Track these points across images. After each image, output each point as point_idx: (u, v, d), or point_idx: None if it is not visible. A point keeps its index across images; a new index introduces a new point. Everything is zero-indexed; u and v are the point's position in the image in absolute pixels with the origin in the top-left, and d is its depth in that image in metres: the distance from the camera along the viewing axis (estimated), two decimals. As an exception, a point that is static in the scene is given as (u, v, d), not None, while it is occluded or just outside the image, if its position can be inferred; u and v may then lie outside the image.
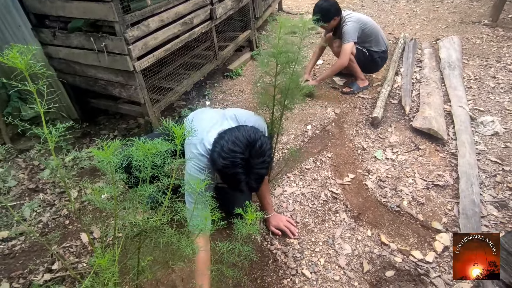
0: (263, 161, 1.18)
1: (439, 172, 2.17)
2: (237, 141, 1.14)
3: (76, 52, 2.35)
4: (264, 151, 1.17)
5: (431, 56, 3.43)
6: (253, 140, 1.15)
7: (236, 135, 1.16)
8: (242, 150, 1.13)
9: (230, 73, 3.57)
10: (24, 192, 2.28)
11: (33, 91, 0.74)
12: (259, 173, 1.18)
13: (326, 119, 2.80)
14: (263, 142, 1.18)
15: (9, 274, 1.70)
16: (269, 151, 1.20)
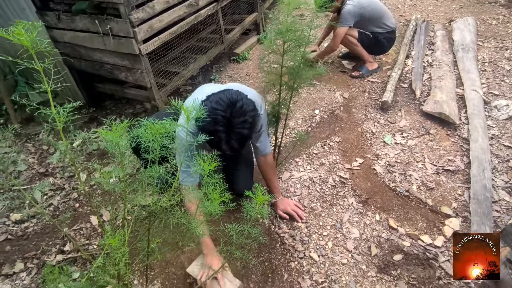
0: (244, 120, 1.22)
1: (450, 157, 2.13)
2: (220, 101, 1.21)
3: (81, 36, 2.32)
4: (245, 111, 1.22)
5: (444, 38, 3.31)
6: (234, 100, 1.21)
7: (220, 96, 1.23)
8: (224, 108, 1.19)
9: (236, 57, 3.52)
10: (34, 176, 2.31)
11: (39, 69, 0.73)
12: (240, 132, 1.22)
13: (335, 104, 2.75)
14: (244, 103, 1.23)
15: (23, 254, 1.75)
16: (250, 112, 1.24)
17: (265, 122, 1.60)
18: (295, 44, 1.52)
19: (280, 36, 1.51)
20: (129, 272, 0.93)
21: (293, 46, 1.55)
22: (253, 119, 1.27)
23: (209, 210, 0.83)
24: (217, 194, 0.83)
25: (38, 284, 1.60)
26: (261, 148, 1.67)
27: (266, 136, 1.66)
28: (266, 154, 1.70)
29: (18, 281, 1.62)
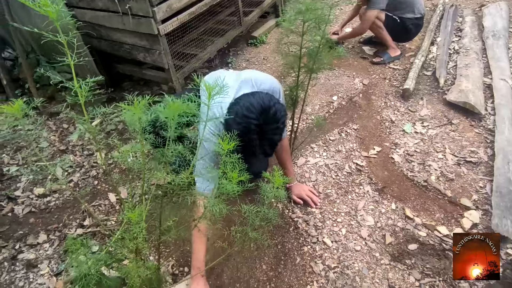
0: (277, 127, 1.20)
1: (473, 148, 2.05)
2: (252, 107, 1.16)
3: (100, 15, 2.33)
4: (277, 118, 1.19)
5: (473, 24, 3.14)
6: (267, 107, 1.17)
7: (251, 101, 1.18)
8: (256, 116, 1.16)
9: (254, 41, 3.46)
10: (55, 153, 2.38)
11: (63, 42, 0.73)
12: (272, 139, 1.21)
13: (353, 90, 2.68)
14: (277, 109, 1.19)
15: (46, 227, 1.82)
16: (282, 118, 1.22)
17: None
18: (315, 24, 1.47)
19: (299, 15, 1.46)
20: (146, 247, 0.95)
21: (312, 26, 1.50)
22: (284, 124, 1.25)
23: (227, 189, 0.83)
24: (235, 174, 0.83)
25: (60, 255, 1.67)
26: None
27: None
28: (282, 138, 1.68)
29: (41, 251, 1.70)
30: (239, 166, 0.85)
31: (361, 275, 1.50)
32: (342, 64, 3.01)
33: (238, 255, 1.60)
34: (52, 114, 2.74)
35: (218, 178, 0.90)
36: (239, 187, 0.85)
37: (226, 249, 1.56)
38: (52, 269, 1.62)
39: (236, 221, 1.67)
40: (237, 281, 1.51)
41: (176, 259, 1.61)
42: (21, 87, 2.94)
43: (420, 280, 1.46)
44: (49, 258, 1.67)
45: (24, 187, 2.07)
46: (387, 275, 1.50)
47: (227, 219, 1.72)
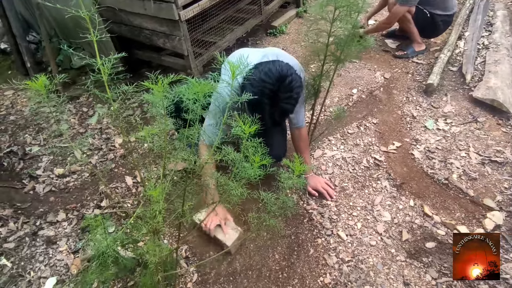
0: (290, 96, 1.23)
1: (499, 147, 1.97)
2: (270, 72, 1.20)
3: (122, 0, 2.33)
4: (292, 87, 1.22)
5: (505, 19, 2.99)
6: (284, 75, 1.20)
7: (270, 67, 1.21)
8: (273, 82, 1.19)
9: (273, 30, 3.41)
10: (75, 135, 2.43)
11: (86, 18, 0.73)
12: (284, 107, 1.24)
13: (374, 84, 2.61)
14: (293, 78, 1.22)
15: (65, 206, 1.87)
16: (297, 89, 1.24)
17: (301, 93, 1.54)
18: (347, 11, 1.42)
19: (331, 1, 1.42)
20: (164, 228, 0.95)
21: (344, 14, 1.45)
22: (298, 95, 1.27)
23: (248, 174, 0.82)
24: (257, 157, 0.81)
25: (78, 233, 1.72)
26: (295, 120, 1.64)
27: (302, 108, 1.62)
28: (301, 127, 1.66)
29: (60, 229, 1.75)
30: (261, 150, 0.83)
31: (376, 270, 1.48)
32: (363, 57, 2.93)
33: (251, 243, 1.60)
34: (73, 98, 2.79)
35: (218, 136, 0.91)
36: (260, 171, 0.83)
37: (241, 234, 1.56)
38: (70, 246, 1.66)
39: (253, 208, 1.68)
40: (249, 268, 1.52)
41: (189, 243, 1.63)
42: (43, 70, 3.00)
43: (437, 279, 1.43)
44: (68, 236, 1.72)
45: (45, 167, 2.13)
46: (402, 271, 1.47)
47: (243, 205, 1.72)
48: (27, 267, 1.58)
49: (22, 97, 2.82)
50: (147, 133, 0.98)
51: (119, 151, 2.23)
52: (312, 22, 1.51)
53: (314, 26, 1.52)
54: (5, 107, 2.71)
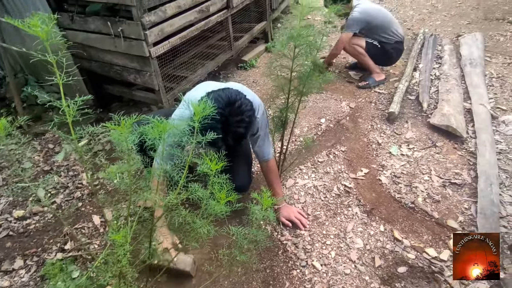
0: (241, 119, 1.26)
1: (457, 170, 2.10)
2: (219, 98, 1.25)
3: (93, 37, 2.36)
4: (242, 111, 1.26)
5: (452, 52, 3.32)
6: (233, 100, 1.26)
7: (219, 93, 1.27)
8: (222, 106, 1.23)
9: (244, 64, 3.54)
10: (39, 174, 2.31)
11: (53, 62, 0.73)
12: (236, 131, 1.26)
13: (341, 113, 2.75)
14: (243, 102, 1.27)
15: (23, 251, 1.73)
16: (248, 112, 1.28)
17: (263, 127, 1.59)
18: (306, 50, 1.53)
19: (291, 40, 1.52)
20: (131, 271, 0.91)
21: (303, 51, 1.56)
22: (250, 119, 1.31)
23: (215, 210, 0.82)
24: (223, 194, 0.82)
25: (36, 282, 1.58)
26: (260, 153, 1.68)
27: (266, 141, 1.65)
28: (267, 160, 1.69)
29: (16, 278, 1.61)
30: (227, 186, 0.84)
31: (352, 299, 1.47)
32: (330, 88, 3.10)
33: (225, 280, 1.55)
34: (38, 134, 2.69)
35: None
36: (227, 207, 0.84)
37: (213, 273, 1.51)
38: (27, 297, 1.53)
39: (223, 243, 1.64)
40: (224, 307, 1.46)
41: (163, 283, 1.55)
42: (6, 106, 2.89)
43: (411, 304, 1.44)
44: (25, 285, 1.58)
45: (2, 209, 1.99)
46: (377, 299, 1.47)
47: (214, 242, 1.68)
48: (-24, 324, 1.42)
49: (-19, 135, 2.67)
50: (113, 171, 0.96)
51: (86, 188, 2.14)
52: (275, 59, 1.60)
53: (276, 63, 1.62)
54: (-39, 146, 2.55)
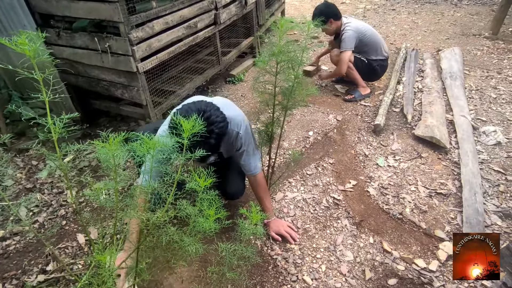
0: (210, 130, 1.26)
1: (442, 180, 2.15)
2: (189, 109, 1.26)
3: (79, 52, 2.35)
4: (211, 122, 1.27)
5: (433, 66, 3.45)
6: (203, 111, 1.27)
7: (190, 105, 1.30)
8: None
9: (232, 79, 3.58)
10: (21, 191, 2.24)
11: (39, 79, 0.73)
12: (207, 142, 1.25)
13: (328, 126, 2.79)
14: (212, 113, 1.28)
15: (2, 274, 1.66)
16: (218, 124, 1.28)
17: (246, 142, 1.59)
18: (288, 65, 1.56)
19: (273, 57, 1.55)
20: (116, 292, 0.89)
21: (286, 67, 1.59)
22: (220, 130, 1.30)
23: (204, 228, 0.81)
24: (212, 211, 0.81)
25: (16, 306, 1.51)
26: (246, 167, 1.68)
27: (251, 156, 1.65)
28: (254, 174, 1.69)
29: (-5, 302, 1.53)
30: (215, 203, 0.84)
31: (343, 314, 1.46)
32: (317, 101, 3.15)
33: (215, 298, 1.52)
34: (21, 151, 2.62)
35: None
36: (216, 224, 0.83)
37: (202, 291, 1.48)
38: (6, 323, 1.45)
39: (212, 260, 1.61)
40: (214, 327, 1.42)
41: (148, 305, 1.50)
42: (-11, 123, 2.81)
43: (402, 317, 1.44)
44: (4, 310, 1.50)
45: (-19, 230, 1.91)
46: (369, 313, 1.46)
47: (203, 258, 1.65)
48: None
49: (-40, 153, 2.58)
50: (99, 189, 0.94)
51: (71, 206, 2.09)
52: (259, 75, 1.63)
53: (261, 78, 1.64)
54: None
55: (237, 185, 1.85)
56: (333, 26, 2.95)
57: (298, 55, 1.57)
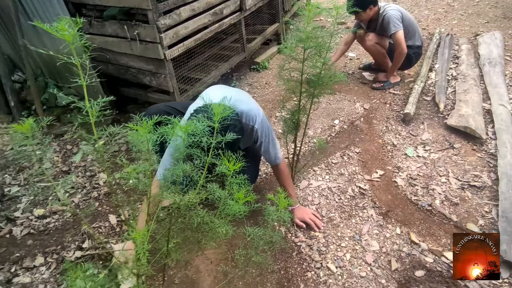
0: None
1: (476, 172, 2.05)
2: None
3: (109, 40, 2.41)
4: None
5: (469, 52, 3.24)
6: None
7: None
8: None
9: (256, 66, 3.56)
10: (58, 174, 2.38)
11: (77, 64, 0.76)
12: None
13: (355, 114, 2.72)
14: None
15: (44, 249, 1.78)
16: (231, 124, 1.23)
17: (264, 135, 1.56)
18: (316, 52, 1.52)
19: (300, 43, 1.52)
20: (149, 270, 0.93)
21: (313, 53, 1.56)
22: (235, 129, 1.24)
23: (233, 211, 0.83)
24: (242, 194, 0.82)
25: (56, 279, 1.63)
26: (267, 158, 1.69)
27: (271, 147, 1.63)
28: (276, 164, 1.70)
29: (37, 274, 1.66)
30: (245, 186, 0.85)
31: (368, 303, 1.45)
32: (343, 89, 3.07)
33: (240, 280, 1.55)
34: (57, 135, 2.77)
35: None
36: (246, 207, 0.84)
37: (228, 273, 1.52)
38: (47, 294, 1.57)
39: (238, 244, 1.65)
40: (238, 308, 1.46)
41: (178, 283, 1.56)
42: (27, 109, 2.99)
43: (429, 309, 1.41)
44: (45, 282, 1.62)
45: (24, 208, 2.05)
46: (394, 303, 1.45)
47: (230, 243, 1.69)
48: (0, 319, 1.47)
49: (3, 137, 2.77)
50: (131, 171, 0.98)
51: (103, 188, 2.19)
52: (285, 62, 1.60)
53: (287, 65, 1.61)
54: (-15, 147, 2.65)
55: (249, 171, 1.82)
56: (372, 12, 2.77)
57: (326, 40, 1.53)
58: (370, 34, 2.94)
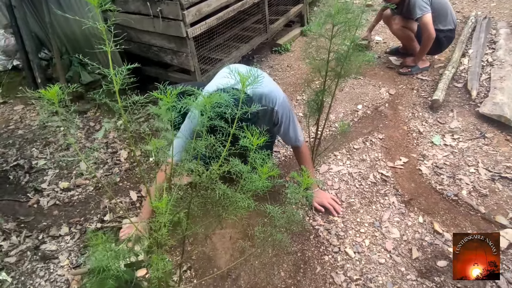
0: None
1: (509, 163, 1.93)
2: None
3: (132, 17, 2.40)
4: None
5: (508, 37, 3.02)
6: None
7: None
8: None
9: (278, 48, 3.47)
10: (81, 149, 2.44)
11: (102, 29, 0.74)
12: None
13: (379, 100, 2.62)
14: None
15: (68, 220, 1.85)
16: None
17: (284, 116, 1.52)
18: (345, 28, 1.45)
19: (330, 18, 1.44)
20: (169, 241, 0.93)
21: (342, 30, 1.48)
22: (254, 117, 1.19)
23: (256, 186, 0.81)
24: (266, 169, 0.80)
25: (80, 248, 1.69)
26: (287, 140, 1.67)
27: (291, 128, 1.59)
28: (297, 146, 1.67)
29: (63, 243, 1.73)
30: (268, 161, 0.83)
31: (386, 289, 1.42)
32: (368, 73, 2.95)
33: (256, 259, 1.56)
34: (80, 112, 2.83)
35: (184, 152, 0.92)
36: (268, 182, 0.82)
37: (245, 250, 1.53)
38: (71, 261, 1.63)
39: (258, 223, 1.65)
40: (254, 286, 1.47)
41: (191, 260, 1.59)
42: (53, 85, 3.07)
43: (451, 300, 1.37)
44: (70, 250, 1.69)
45: (50, 181, 2.13)
46: (413, 291, 1.41)
47: (248, 222, 1.69)
48: (27, 282, 1.55)
49: (31, 112, 2.87)
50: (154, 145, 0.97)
51: (124, 165, 2.24)
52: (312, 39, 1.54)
53: (313, 43, 1.55)
54: (14, 121, 2.75)
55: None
56: None
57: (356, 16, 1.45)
58: (396, 18, 2.79)
